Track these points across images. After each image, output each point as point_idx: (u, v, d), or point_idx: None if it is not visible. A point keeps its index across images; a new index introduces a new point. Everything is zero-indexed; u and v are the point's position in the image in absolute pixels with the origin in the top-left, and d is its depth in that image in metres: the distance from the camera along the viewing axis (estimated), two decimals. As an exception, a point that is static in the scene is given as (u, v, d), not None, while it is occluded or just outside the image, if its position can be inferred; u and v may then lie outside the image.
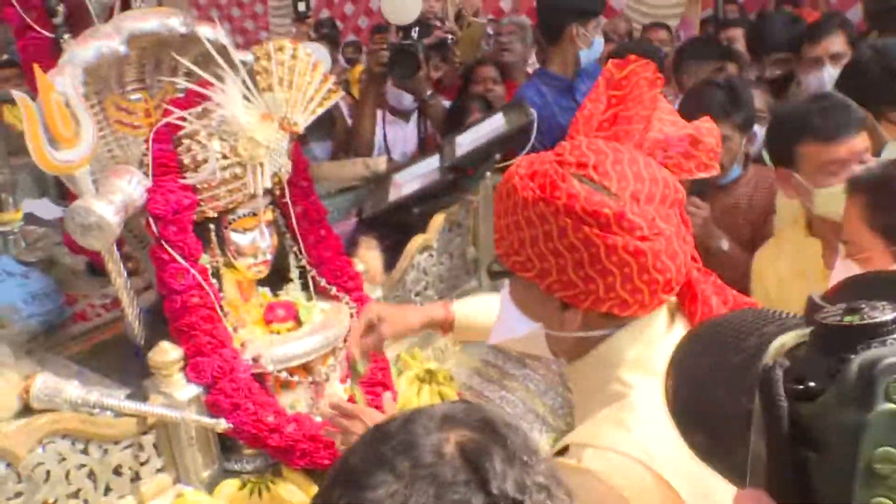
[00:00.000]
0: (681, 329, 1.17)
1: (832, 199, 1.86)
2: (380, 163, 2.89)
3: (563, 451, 1.14)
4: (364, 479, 0.72)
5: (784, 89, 3.15)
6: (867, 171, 1.58)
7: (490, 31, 4.26)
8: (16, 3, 2.01)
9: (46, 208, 2.57)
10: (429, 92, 3.17)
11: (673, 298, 1.17)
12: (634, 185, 1.06)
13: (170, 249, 1.57)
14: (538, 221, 1.07)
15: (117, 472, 1.54)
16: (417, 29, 3.06)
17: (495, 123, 2.51)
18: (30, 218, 2.38)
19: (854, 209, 1.47)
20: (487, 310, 1.52)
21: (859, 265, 1.45)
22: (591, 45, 2.97)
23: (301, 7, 4.18)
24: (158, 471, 1.61)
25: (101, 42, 1.64)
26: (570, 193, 1.05)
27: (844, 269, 1.49)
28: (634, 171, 1.08)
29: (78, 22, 2.03)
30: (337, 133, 3.46)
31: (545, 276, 1.09)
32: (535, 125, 2.39)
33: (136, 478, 1.58)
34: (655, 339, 1.15)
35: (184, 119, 1.57)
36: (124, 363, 1.78)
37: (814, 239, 2.01)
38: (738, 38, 3.85)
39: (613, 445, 1.08)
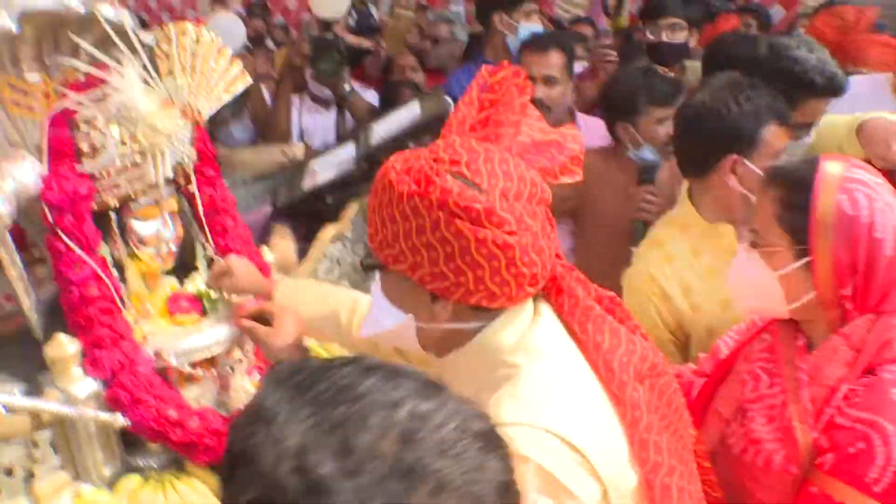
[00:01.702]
0: (548, 316, 1.23)
1: None
2: (297, 150, 2.86)
3: None
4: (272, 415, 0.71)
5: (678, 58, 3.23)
6: (786, 164, 1.59)
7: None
8: None
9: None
10: (347, 88, 3.16)
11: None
12: (504, 182, 1.12)
13: (65, 239, 1.51)
14: (412, 215, 1.11)
15: (9, 471, 1.48)
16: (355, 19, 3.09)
17: (410, 112, 2.50)
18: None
19: (767, 202, 1.48)
20: (312, 297, 1.63)
21: (764, 258, 1.48)
22: (515, 32, 3.01)
23: (219, -10, 4.10)
24: (55, 469, 1.56)
25: (-12, 18, 1.57)
26: (444, 188, 1.10)
27: (747, 258, 1.52)
28: (504, 169, 1.14)
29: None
30: (255, 117, 3.40)
31: (417, 268, 1.14)
32: (451, 113, 2.39)
33: (30, 477, 1.52)
34: (525, 326, 1.21)
35: (80, 103, 1.51)
36: (26, 357, 1.71)
37: (723, 227, 1.99)
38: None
39: (520, 420, 1.12)
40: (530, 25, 3.06)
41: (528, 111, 1.31)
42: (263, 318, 1.60)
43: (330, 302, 1.62)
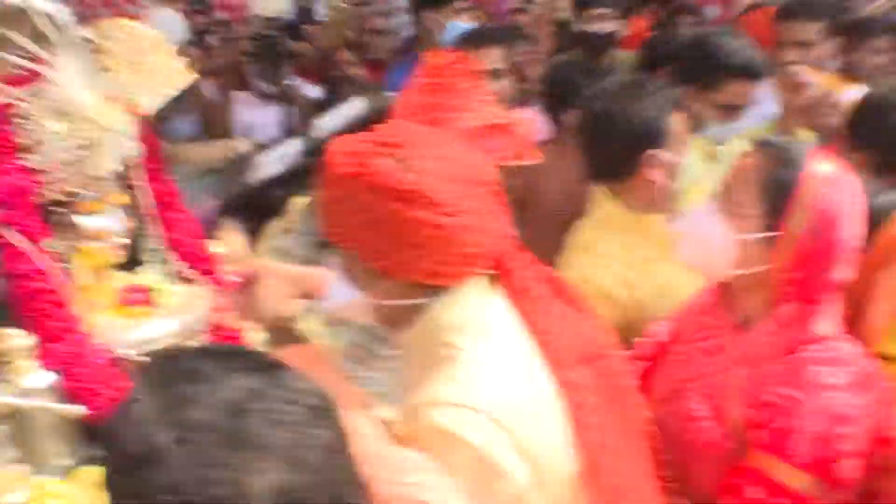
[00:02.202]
0: (496, 297, 1.26)
1: (688, 168, 2.00)
2: (242, 145, 2.87)
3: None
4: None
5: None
6: (780, 140, 1.61)
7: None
8: None
9: None
10: (287, 81, 3.17)
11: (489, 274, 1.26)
12: (439, 164, 1.15)
13: (8, 234, 1.52)
14: (352, 196, 1.15)
15: (-36, 466, 1.49)
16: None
17: (355, 106, 2.53)
18: None
19: (751, 168, 1.49)
20: None
21: (728, 218, 1.49)
22: (443, 29, 3.05)
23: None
24: (13, 462, 1.57)
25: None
26: (378, 171, 1.13)
27: (709, 213, 1.53)
28: (441, 153, 1.17)
29: None
30: (199, 112, 3.40)
31: (361, 247, 1.18)
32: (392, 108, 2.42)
33: (-13, 470, 1.53)
34: (471, 305, 1.23)
35: (18, 98, 1.52)
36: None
37: (651, 217, 2.03)
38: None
39: (457, 402, 1.16)
40: (458, 22, 3.10)
41: (476, 95, 1.34)
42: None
43: None
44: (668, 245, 1.99)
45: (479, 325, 1.22)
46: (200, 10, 6.01)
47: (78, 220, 1.65)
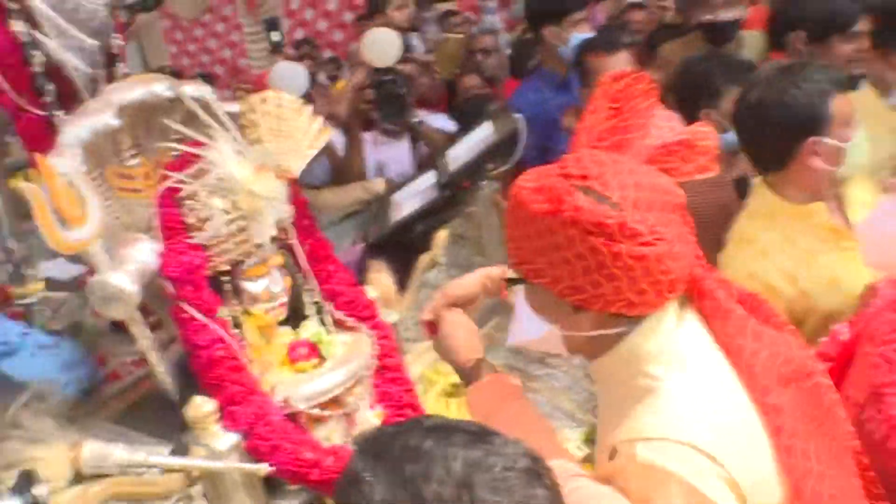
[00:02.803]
0: (692, 321, 1.23)
1: (856, 149, 1.89)
2: (377, 184, 2.95)
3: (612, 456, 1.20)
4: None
5: None
6: None
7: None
8: (7, 89, 2.08)
9: (62, 268, 2.61)
10: (415, 119, 3.23)
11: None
12: (635, 193, 1.13)
13: (188, 308, 1.63)
14: (547, 233, 1.14)
15: (170, 526, 1.60)
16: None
17: (484, 132, 2.56)
18: (48, 281, 2.44)
19: None
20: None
21: None
22: (566, 42, 3.03)
23: (275, 37, 4.20)
24: (209, 519, 1.68)
25: (93, 118, 1.71)
26: (576, 206, 1.12)
27: (888, 204, 1.49)
28: (634, 180, 1.14)
29: (67, 97, 2.10)
30: (329, 157, 3.51)
31: (557, 282, 1.16)
32: (524, 129, 2.44)
33: (188, 529, 1.64)
34: (668, 332, 1.21)
35: (182, 181, 1.63)
36: (162, 418, 1.84)
37: (814, 206, 1.94)
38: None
39: (662, 435, 1.14)
40: (580, 34, 3.07)
41: (655, 113, 1.32)
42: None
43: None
44: (832, 235, 1.91)
45: (678, 353, 1.20)
46: (307, 52, 6.25)
47: (244, 285, 1.74)
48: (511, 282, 1.28)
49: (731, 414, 1.18)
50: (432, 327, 1.51)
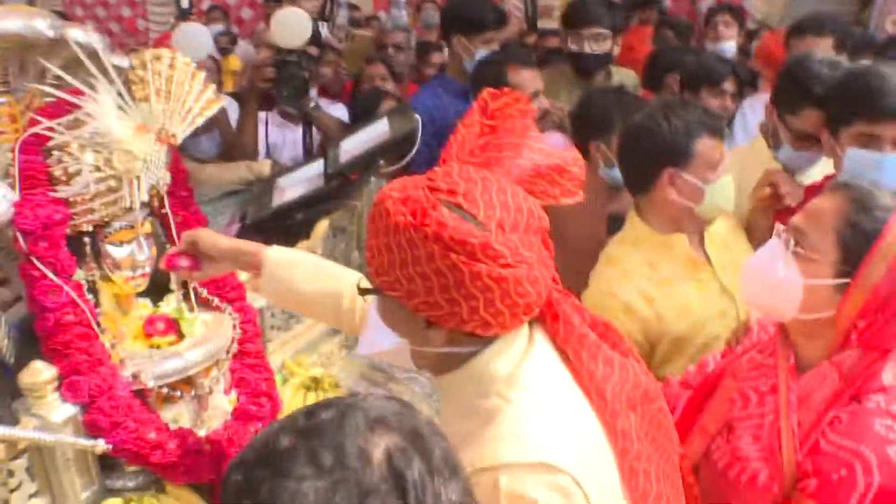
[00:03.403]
0: (542, 343, 1.25)
1: (719, 194, 1.99)
2: (264, 166, 2.86)
3: None
4: (290, 468, 0.76)
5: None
6: (860, 184, 1.53)
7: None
8: None
9: None
10: (312, 104, 3.17)
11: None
12: (500, 213, 1.13)
13: (40, 266, 1.51)
14: (408, 246, 1.12)
15: (-16, 500, 1.48)
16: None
17: (380, 129, 2.52)
18: None
19: (831, 211, 1.45)
20: (309, 272, 1.56)
21: (798, 260, 1.46)
22: (472, 56, 3.08)
23: (184, 3, 4.01)
24: (32, 496, 1.55)
25: (-46, 42, 1.57)
26: (440, 221, 1.10)
27: (775, 253, 1.49)
28: (501, 200, 1.15)
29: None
30: (221, 132, 3.39)
31: (412, 296, 1.15)
32: (420, 131, 2.42)
33: (6, 504, 1.51)
34: (518, 353, 1.22)
35: (53, 129, 1.51)
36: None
37: (675, 237, 2.04)
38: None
39: (520, 460, 1.14)
40: (486, 51, 3.11)
41: (529, 134, 1.32)
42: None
43: (330, 280, 1.57)
44: (690, 265, 2.06)
45: (528, 374, 1.20)
46: (217, 21, 6.05)
47: (107, 249, 1.64)
48: (364, 291, 1.25)
49: (582, 435, 1.20)
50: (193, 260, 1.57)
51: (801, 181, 2.32)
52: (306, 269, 1.57)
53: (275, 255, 1.57)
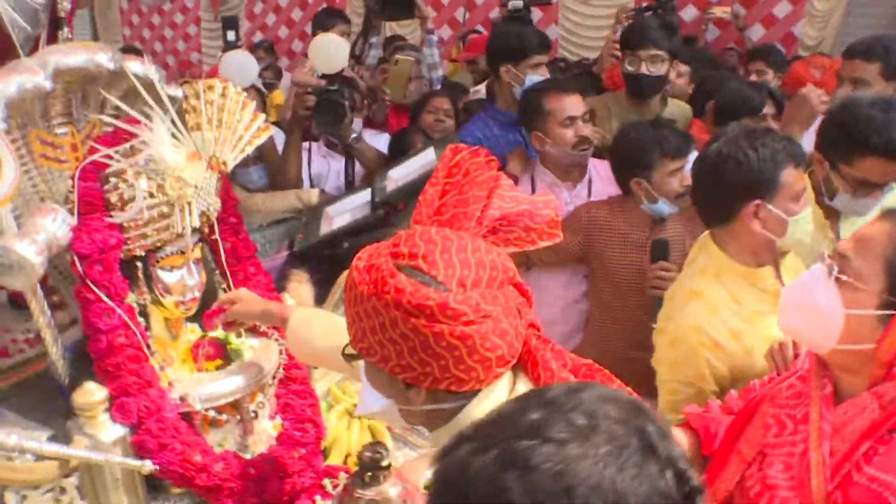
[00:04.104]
0: (523, 390, 1.23)
1: (800, 226, 1.93)
2: (312, 195, 2.91)
3: None
4: (547, 431, 0.77)
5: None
6: None
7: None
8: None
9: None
10: (354, 135, 3.20)
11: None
12: (461, 271, 1.14)
13: (95, 289, 1.55)
14: (374, 313, 1.15)
15: (37, 517, 1.51)
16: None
17: (426, 158, 2.55)
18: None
19: (880, 238, 1.40)
20: (325, 328, 1.63)
21: (841, 287, 1.42)
22: (522, 83, 3.08)
23: (230, 36, 4.12)
24: (81, 514, 1.59)
25: (24, 77, 1.63)
26: (398, 288, 1.13)
27: (819, 280, 1.45)
28: (462, 258, 1.16)
29: (2, 53, 2.01)
30: (269, 161, 3.46)
31: (387, 360, 1.17)
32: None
33: (57, 522, 1.54)
34: (501, 402, 1.17)
35: (110, 157, 1.57)
36: (48, 402, 1.75)
37: (762, 271, 1.99)
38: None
39: None
40: (536, 77, 3.12)
41: (498, 184, 1.33)
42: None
43: (343, 336, 1.63)
44: (775, 299, 1.94)
45: None
46: (263, 57, 6.17)
47: (158, 274, 1.68)
48: (349, 358, 1.28)
49: None
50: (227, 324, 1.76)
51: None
52: (323, 326, 1.65)
53: (297, 315, 1.69)
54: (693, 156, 2.52)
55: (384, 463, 1.44)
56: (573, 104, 2.79)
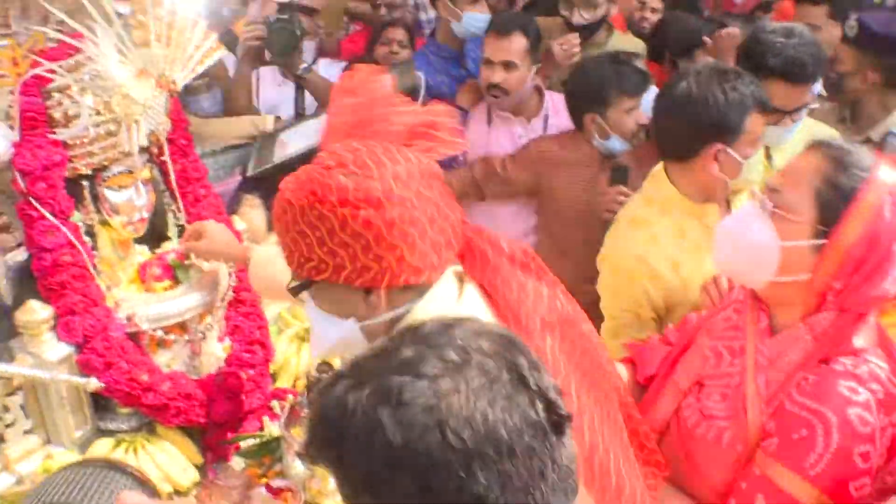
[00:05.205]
0: (470, 292, 1.27)
1: (752, 167, 1.95)
2: (267, 121, 2.86)
3: None
4: (420, 367, 0.79)
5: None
6: (844, 143, 1.50)
7: None
8: None
9: None
10: (303, 66, 3.14)
11: (458, 268, 1.29)
12: (392, 167, 1.17)
13: (38, 206, 1.53)
14: (318, 222, 1.15)
15: (-20, 434, 1.51)
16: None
17: (382, 85, 2.52)
18: None
19: (809, 171, 1.41)
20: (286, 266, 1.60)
21: (776, 222, 1.43)
22: (459, 18, 3.08)
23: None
24: (26, 433, 1.59)
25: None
26: (340, 186, 1.14)
27: (752, 216, 1.47)
28: (389, 156, 1.18)
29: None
30: (223, 88, 3.37)
31: (340, 270, 1.18)
32: (423, 88, 2.42)
33: (0, 440, 1.55)
34: (444, 298, 1.24)
35: (53, 71, 1.52)
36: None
37: (708, 207, 2.01)
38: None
39: None
40: (474, 13, 3.08)
41: (393, 101, 1.34)
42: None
43: None
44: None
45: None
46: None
47: (105, 193, 1.65)
48: (295, 290, 1.27)
49: None
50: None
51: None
52: (284, 263, 1.63)
53: (258, 254, 1.71)
54: (650, 93, 2.53)
55: (331, 383, 1.46)
56: (497, 47, 2.78)
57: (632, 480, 1.30)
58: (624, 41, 3.46)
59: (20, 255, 1.78)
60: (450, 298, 1.24)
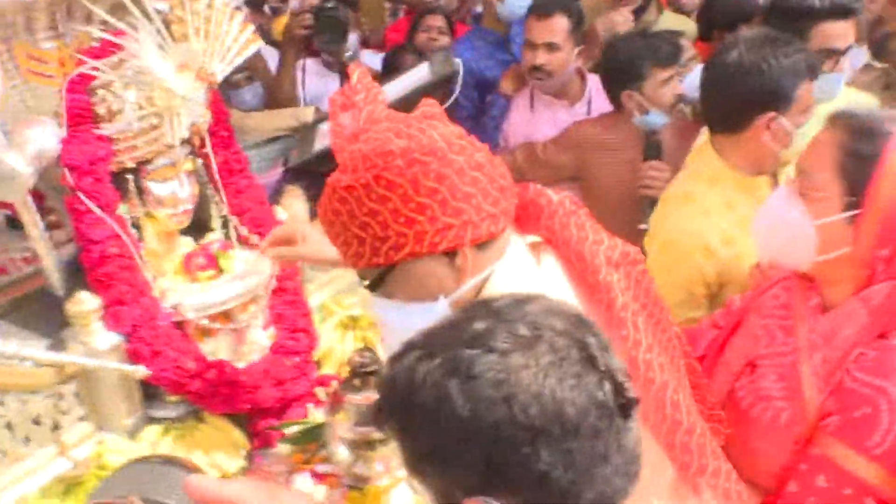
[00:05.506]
0: (550, 263, 1.26)
1: (804, 138, 1.91)
2: (307, 113, 2.89)
3: None
4: (491, 341, 0.80)
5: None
6: (856, 110, 1.50)
7: None
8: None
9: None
10: (348, 53, 3.16)
11: (534, 238, 1.28)
12: (432, 129, 1.16)
13: (85, 200, 1.57)
14: (389, 192, 1.12)
15: (37, 421, 1.56)
16: None
17: (420, 73, 2.53)
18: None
19: (827, 145, 1.40)
20: None
21: (806, 203, 1.42)
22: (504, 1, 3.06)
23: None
24: (80, 419, 1.64)
25: (3, -12, 1.61)
26: (403, 148, 1.12)
27: (785, 200, 1.47)
28: (425, 122, 1.18)
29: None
30: (264, 81, 3.42)
31: (422, 237, 1.14)
32: (460, 76, 2.42)
33: (56, 427, 1.59)
34: (529, 274, 1.23)
35: (98, 69, 1.56)
36: (46, 316, 1.78)
37: (759, 180, 1.98)
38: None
39: None
40: None
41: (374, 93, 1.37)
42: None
43: None
44: None
45: (530, 285, 1.18)
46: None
47: (149, 186, 1.69)
48: (373, 286, 1.23)
49: None
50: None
51: None
52: None
53: None
54: (695, 72, 2.48)
55: (372, 368, 1.48)
56: (539, 28, 2.77)
57: (701, 423, 1.28)
58: (674, 20, 3.42)
59: (71, 249, 1.84)
60: (529, 265, 1.23)
